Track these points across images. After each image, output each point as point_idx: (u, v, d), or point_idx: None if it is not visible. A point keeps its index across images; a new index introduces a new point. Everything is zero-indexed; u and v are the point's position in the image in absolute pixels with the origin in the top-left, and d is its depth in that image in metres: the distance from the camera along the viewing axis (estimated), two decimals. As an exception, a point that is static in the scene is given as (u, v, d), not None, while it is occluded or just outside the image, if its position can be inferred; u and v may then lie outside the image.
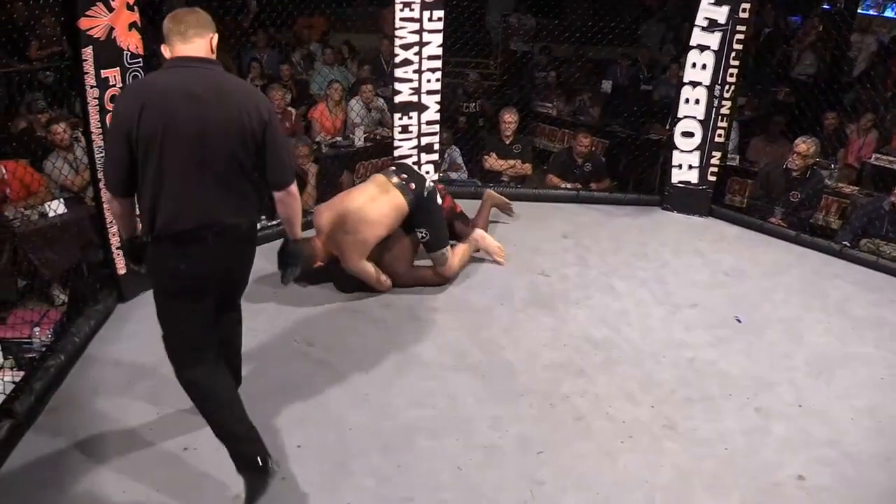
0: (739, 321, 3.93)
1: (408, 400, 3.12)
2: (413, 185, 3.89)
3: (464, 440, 2.89)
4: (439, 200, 4.06)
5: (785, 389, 3.35)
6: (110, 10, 3.31)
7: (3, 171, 4.50)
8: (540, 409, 3.10)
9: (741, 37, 4.95)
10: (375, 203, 3.78)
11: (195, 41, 2.36)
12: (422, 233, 3.96)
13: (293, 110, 6.44)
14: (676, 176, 5.42)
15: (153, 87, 2.33)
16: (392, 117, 5.29)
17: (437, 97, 5.21)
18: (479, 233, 4.42)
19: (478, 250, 4.41)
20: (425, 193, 3.92)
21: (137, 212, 2.48)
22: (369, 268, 3.83)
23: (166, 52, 2.40)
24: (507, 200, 5.05)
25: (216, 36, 2.43)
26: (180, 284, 2.43)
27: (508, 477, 2.71)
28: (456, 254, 4.18)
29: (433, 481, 2.66)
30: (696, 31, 5.03)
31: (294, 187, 2.52)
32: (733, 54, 4.99)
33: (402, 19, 4.88)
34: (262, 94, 2.63)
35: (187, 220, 2.33)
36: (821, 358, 3.62)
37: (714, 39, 4.99)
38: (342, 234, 3.71)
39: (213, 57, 2.41)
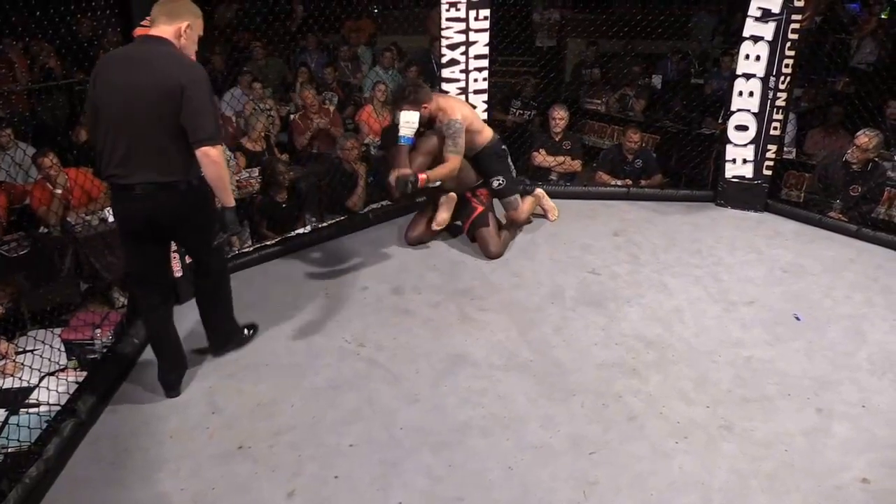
0: (798, 319, 3.81)
1: (458, 399, 3.12)
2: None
3: (515, 440, 2.87)
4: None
5: (847, 389, 3.23)
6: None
7: (66, 177, 4.67)
8: (592, 409, 3.07)
9: (797, 26, 4.81)
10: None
11: (160, 26, 2.72)
12: (498, 180, 4.48)
13: (329, 107, 6.53)
14: (730, 170, 5.30)
15: (103, 60, 2.77)
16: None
17: (485, 96, 5.21)
18: (539, 191, 4.97)
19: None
20: (503, 146, 4.55)
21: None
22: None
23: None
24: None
25: (189, 24, 2.75)
26: (120, 225, 2.91)
27: (560, 477, 2.68)
28: (525, 201, 4.75)
29: (484, 481, 2.66)
30: (749, 21, 4.90)
31: (212, 151, 2.66)
32: (788, 44, 4.86)
33: (448, 19, 4.90)
34: (194, 65, 2.76)
35: (121, 175, 2.72)
36: (885, 356, 3.48)
37: (768, 29, 4.86)
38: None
39: (174, 39, 2.73)
